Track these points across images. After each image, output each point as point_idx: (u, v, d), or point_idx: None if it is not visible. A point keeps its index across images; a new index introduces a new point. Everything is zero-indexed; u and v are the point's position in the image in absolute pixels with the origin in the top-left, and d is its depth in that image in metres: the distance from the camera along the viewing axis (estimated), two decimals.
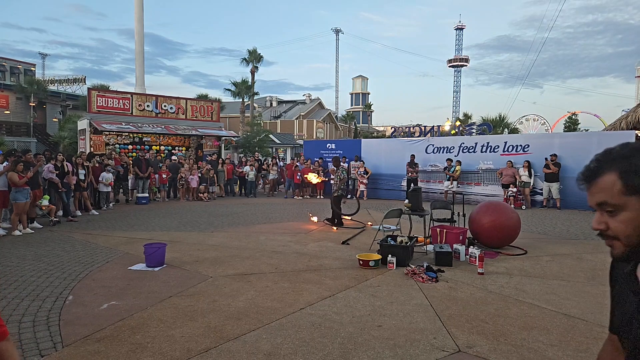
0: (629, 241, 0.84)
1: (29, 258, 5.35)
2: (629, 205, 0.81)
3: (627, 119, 13.38)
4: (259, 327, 3.22)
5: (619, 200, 0.82)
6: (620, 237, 0.84)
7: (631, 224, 0.82)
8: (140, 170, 11.57)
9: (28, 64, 31.49)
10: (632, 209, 0.81)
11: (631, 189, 0.80)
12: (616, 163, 0.83)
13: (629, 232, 0.83)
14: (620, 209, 0.82)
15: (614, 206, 0.83)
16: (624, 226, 0.82)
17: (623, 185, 0.81)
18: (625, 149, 0.84)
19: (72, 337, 3.02)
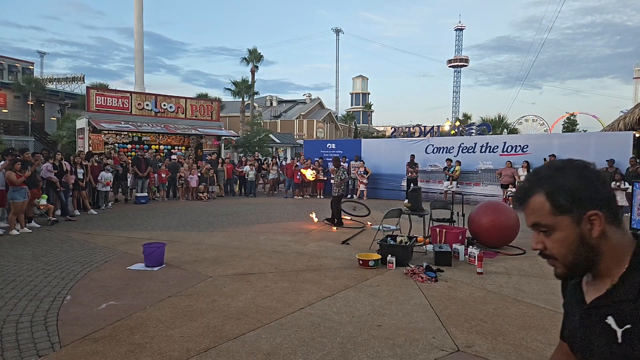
0: (565, 261, 0.83)
1: (26, 258, 5.33)
2: (560, 225, 0.80)
3: (625, 120, 13.40)
4: (258, 327, 3.21)
5: (550, 221, 0.81)
6: (557, 257, 0.83)
7: (564, 243, 0.81)
8: (140, 170, 11.54)
9: (26, 62, 31.39)
10: (564, 229, 0.80)
11: (560, 209, 0.79)
12: (543, 183, 0.82)
13: (564, 252, 0.82)
14: (553, 229, 0.81)
15: (546, 226, 0.82)
16: (558, 246, 0.82)
17: (551, 205, 0.80)
18: (550, 169, 0.83)
19: (70, 337, 3.01)
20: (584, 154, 10.47)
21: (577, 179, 0.80)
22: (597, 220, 0.78)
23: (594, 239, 0.79)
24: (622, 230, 0.82)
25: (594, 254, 0.81)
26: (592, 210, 0.78)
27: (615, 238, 0.80)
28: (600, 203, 0.79)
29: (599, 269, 0.82)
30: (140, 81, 21.16)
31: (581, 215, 0.78)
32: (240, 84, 27.78)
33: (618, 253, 0.80)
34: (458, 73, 76.44)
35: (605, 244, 0.80)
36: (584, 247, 0.80)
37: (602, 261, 0.81)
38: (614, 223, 0.80)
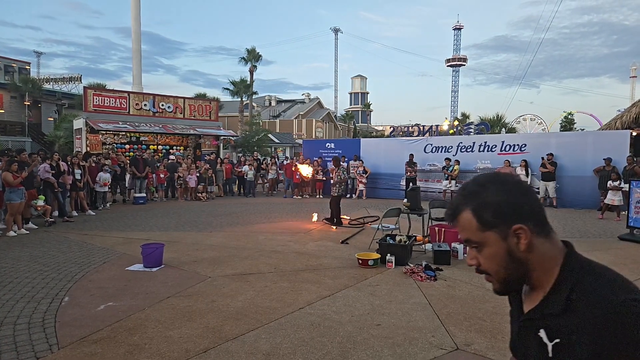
0: (497, 277, 0.83)
1: (24, 259, 5.30)
2: (488, 240, 0.80)
3: (622, 119, 13.47)
4: (258, 327, 3.20)
5: (478, 237, 0.81)
6: (490, 272, 0.83)
7: (494, 259, 0.81)
8: (138, 170, 11.51)
9: (23, 62, 31.25)
10: (492, 244, 0.80)
11: (486, 225, 0.79)
12: (469, 200, 0.81)
13: (495, 268, 0.82)
14: (482, 244, 0.81)
15: (476, 243, 0.82)
16: (489, 262, 0.82)
17: (477, 221, 0.80)
18: (475, 184, 0.82)
19: (68, 339, 2.99)
20: (582, 152, 10.50)
21: (501, 193, 0.79)
22: (522, 234, 0.77)
23: (521, 253, 0.79)
24: (552, 241, 0.81)
25: (524, 268, 0.80)
26: (517, 224, 0.77)
27: (544, 250, 0.79)
28: (525, 216, 0.78)
29: (532, 281, 0.82)
30: (138, 81, 21.09)
31: (507, 229, 0.78)
32: (238, 84, 27.74)
33: (547, 265, 0.79)
34: (456, 73, 76.57)
35: (534, 257, 0.79)
36: (512, 261, 0.80)
37: (534, 274, 0.81)
38: (541, 235, 0.79)
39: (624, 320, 0.69)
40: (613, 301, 0.71)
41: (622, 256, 5.45)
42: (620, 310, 0.70)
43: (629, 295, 0.72)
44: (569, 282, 0.76)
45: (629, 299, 0.71)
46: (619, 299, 0.71)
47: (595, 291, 0.73)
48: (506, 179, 0.82)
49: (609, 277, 0.76)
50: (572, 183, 10.43)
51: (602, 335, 0.70)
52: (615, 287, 0.73)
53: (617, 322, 0.69)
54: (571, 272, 0.77)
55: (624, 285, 0.74)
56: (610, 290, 0.73)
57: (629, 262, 5.14)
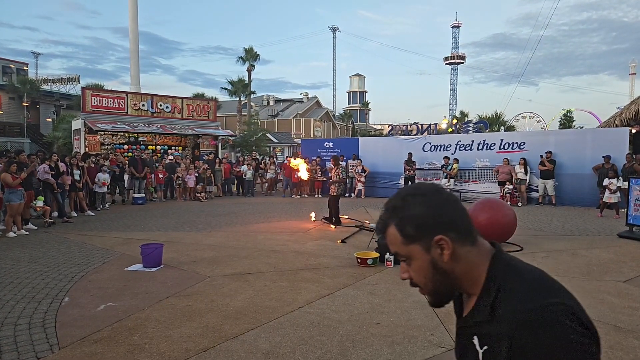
0: (427, 289, 0.83)
1: (24, 260, 5.30)
2: (414, 253, 0.81)
3: (621, 116, 13.49)
4: (257, 326, 3.21)
5: (404, 250, 0.81)
6: (420, 285, 0.83)
7: (421, 272, 0.81)
8: (137, 170, 11.50)
9: (20, 63, 31.16)
10: (418, 257, 0.80)
11: (409, 238, 0.80)
12: (392, 215, 0.82)
13: (423, 280, 0.82)
14: (409, 258, 0.82)
15: (404, 256, 0.83)
16: (417, 275, 0.82)
17: (401, 235, 0.80)
18: (397, 199, 0.83)
19: (69, 339, 3.00)
20: (581, 150, 10.52)
21: (421, 206, 0.79)
22: (444, 245, 0.78)
23: (446, 264, 0.79)
24: (478, 248, 0.81)
25: (451, 278, 0.80)
26: (439, 236, 0.77)
27: (469, 258, 0.79)
28: (447, 227, 0.78)
29: (464, 289, 0.82)
30: (136, 81, 21.07)
31: (429, 241, 0.78)
32: (237, 83, 27.71)
33: (475, 273, 0.79)
34: (455, 71, 76.60)
35: (460, 266, 0.79)
36: (438, 273, 0.80)
37: (463, 283, 0.81)
38: (466, 243, 0.79)
39: (537, 327, 0.67)
40: (529, 307, 0.69)
41: (622, 254, 5.47)
42: (534, 317, 0.68)
43: (548, 299, 0.70)
44: (493, 288, 0.76)
45: (547, 303, 0.69)
46: (536, 305, 0.69)
47: (515, 297, 0.72)
48: (427, 191, 0.82)
49: (531, 279, 0.75)
50: (571, 181, 10.45)
51: (517, 343, 0.69)
52: (535, 291, 0.72)
53: (530, 329, 0.68)
54: (495, 277, 0.77)
55: (545, 287, 0.73)
56: (528, 295, 0.71)
57: (628, 260, 5.16)
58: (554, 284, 0.75)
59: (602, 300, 3.74)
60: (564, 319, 0.68)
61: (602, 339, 1.05)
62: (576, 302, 0.73)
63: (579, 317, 0.69)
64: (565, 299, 0.71)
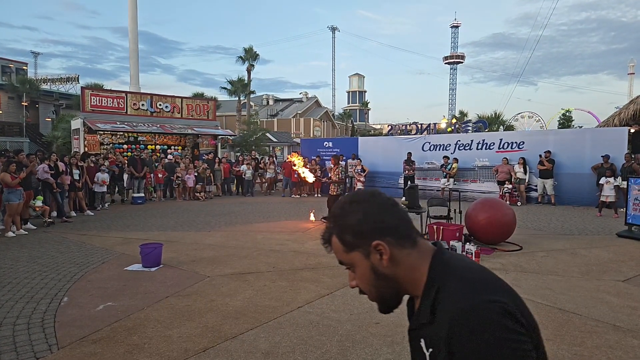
0: (372, 296, 0.83)
1: (23, 259, 5.29)
2: (355, 261, 0.81)
3: (619, 116, 13.49)
4: (256, 326, 3.21)
5: (347, 259, 0.82)
6: (366, 292, 0.84)
7: (364, 278, 0.82)
8: (136, 170, 11.49)
9: (20, 63, 31.09)
10: (359, 264, 0.81)
11: (349, 246, 0.81)
12: (333, 224, 0.83)
13: (367, 287, 0.83)
14: (353, 266, 0.82)
15: (348, 264, 0.83)
16: (361, 281, 0.83)
17: (341, 244, 0.81)
18: (337, 208, 0.84)
19: (68, 339, 3.00)
20: (580, 150, 10.53)
21: (358, 213, 0.80)
22: (382, 249, 0.78)
23: (386, 268, 0.79)
24: (419, 250, 0.80)
25: (393, 283, 0.81)
26: (376, 241, 0.78)
27: (410, 261, 0.79)
28: (385, 232, 0.79)
29: (410, 293, 0.82)
30: (135, 81, 21.04)
31: (368, 247, 0.79)
32: (236, 83, 27.69)
33: (416, 275, 0.79)
34: (454, 70, 76.60)
35: (401, 270, 0.79)
36: (379, 278, 0.80)
37: (407, 286, 0.81)
38: (406, 246, 0.79)
39: (469, 326, 0.67)
40: (461, 306, 0.69)
41: (621, 253, 5.47)
42: (465, 316, 0.68)
43: (481, 297, 0.69)
44: (433, 289, 0.76)
45: (480, 301, 0.68)
46: (468, 303, 0.69)
47: (450, 296, 0.72)
48: (363, 198, 0.82)
49: (467, 278, 0.74)
50: (570, 180, 10.46)
51: (453, 343, 0.68)
52: (469, 290, 0.71)
53: (462, 328, 0.67)
54: (434, 278, 0.77)
55: (480, 286, 0.72)
56: (462, 294, 0.71)
57: (627, 259, 5.16)
58: (491, 282, 0.74)
59: (602, 299, 3.74)
60: (496, 316, 0.67)
61: (601, 339, 1.03)
62: (515, 300, 0.72)
63: (513, 314, 0.68)
64: (502, 296, 0.70)
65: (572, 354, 2.73)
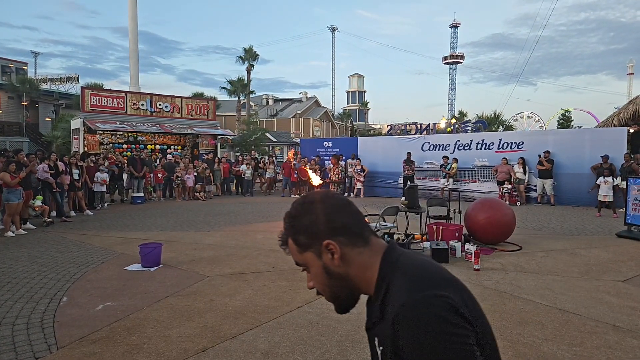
0: (327, 296, 0.84)
1: (22, 259, 5.29)
2: (309, 261, 0.82)
3: (619, 116, 13.51)
4: (256, 326, 3.21)
5: (301, 259, 0.83)
6: (321, 292, 0.84)
7: (318, 278, 0.83)
8: (135, 170, 11.49)
9: (20, 63, 31.06)
10: (313, 264, 0.82)
11: (302, 246, 0.81)
12: (288, 225, 0.84)
13: (321, 287, 0.83)
14: (307, 266, 0.83)
15: (302, 265, 0.84)
16: (316, 282, 0.83)
17: (296, 245, 0.82)
18: (293, 208, 0.85)
19: (67, 339, 2.99)
20: (579, 150, 10.54)
21: (310, 214, 0.81)
22: (333, 249, 0.78)
23: (338, 268, 0.80)
24: (372, 249, 0.81)
25: (346, 282, 0.81)
26: (327, 240, 0.78)
27: (362, 260, 0.80)
28: (336, 231, 0.79)
29: (364, 292, 0.82)
30: (135, 81, 21.03)
31: (320, 247, 0.79)
32: (236, 83, 27.68)
33: (368, 274, 0.79)
34: (453, 70, 76.64)
35: (353, 269, 0.80)
36: (331, 277, 0.81)
37: (360, 285, 0.81)
38: (358, 245, 0.80)
39: (409, 321, 0.67)
40: (402, 302, 0.69)
41: (620, 253, 5.48)
42: (406, 311, 0.68)
43: (423, 292, 0.69)
44: (383, 287, 0.76)
45: (421, 296, 0.68)
46: (409, 299, 0.69)
47: (396, 293, 0.72)
48: (315, 198, 0.83)
49: (413, 274, 0.74)
50: (569, 180, 10.47)
51: (397, 338, 0.68)
52: (413, 286, 0.71)
53: (403, 323, 0.67)
54: (384, 276, 0.77)
55: (424, 281, 0.72)
56: (406, 290, 0.71)
57: (627, 260, 5.17)
58: (436, 277, 0.74)
59: (601, 299, 3.74)
60: (438, 310, 0.67)
61: (601, 339, 1.03)
62: (460, 294, 0.72)
63: (456, 308, 0.68)
64: (445, 291, 0.70)
65: (571, 354, 2.73)
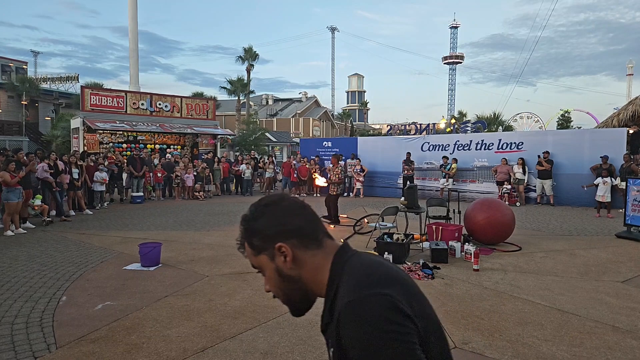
0: (281, 299, 0.84)
1: (21, 259, 5.29)
2: (263, 264, 0.82)
3: (618, 117, 13.52)
4: (255, 325, 3.21)
5: (256, 262, 0.83)
6: (276, 295, 0.84)
7: (271, 281, 0.83)
8: (135, 169, 11.48)
9: (20, 62, 31.01)
10: (266, 267, 0.82)
11: (256, 249, 0.82)
12: (243, 228, 0.84)
13: (275, 289, 0.83)
14: (261, 269, 0.83)
15: (257, 268, 0.84)
16: (270, 284, 0.84)
17: (250, 247, 0.83)
18: (247, 213, 0.85)
19: (66, 338, 2.99)
20: (579, 150, 10.55)
21: (264, 217, 0.81)
22: (285, 251, 0.79)
23: (290, 270, 0.80)
24: (325, 251, 0.81)
25: (299, 285, 0.81)
26: (279, 243, 0.79)
27: (315, 262, 0.80)
28: (289, 234, 0.80)
29: (318, 294, 0.82)
30: (135, 80, 21.02)
31: (273, 250, 0.80)
32: (236, 83, 27.67)
33: (320, 276, 0.80)
34: (453, 71, 76.68)
35: (305, 272, 0.80)
36: (284, 280, 0.81)
37: (313, 288, 0.81)
38: (311, 248, 0.80)
39: (351, 320, 0.67)
40: (345, 301, 0.70)
41: (619, 254, 5.48)
42: (348, 310, 0.68)
43: (368, 290, 0.69)
44: (333, 289, 0.77)
45: (363, 295, 0.69)
46: (354, 297, 0.69)
47: (342, 293, 0.73)
48: (270, 201, 0.84)
49: (359, 274, 0.75)
50: (569, 181, 10.47)
51: (341, 337, 0.69)
52: (358, 285, 0.72)
53: (345, 322, 0.68)
54: (334, 277, 0.78)
55: (368, 281, 0.72)
56: (352, 289, 0.71)
57: (626, 260, 5.17)
58: (382, 277, 0.74)
59: (600, 300, 3.75)
60: (379, 309, 0.67)
61: (600, 339, 1.02)
62: (405, 293, 0.72)
63: (398, 306, 0.68)
64: (389, 290, 0.70)
65: (571, 355, 2.73)
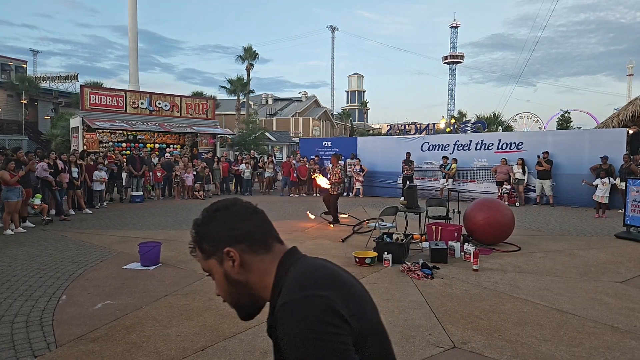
0: (229, 302, 0.85)
1: (21, 258, 5.28)
2: (212, 269, 0.83)
3: (618, 117, 13.53)
4: (255, 325, 3.21)
5: (205, 266, 0.84)
6: (225, 299, 0.85)
7: (220, 286, 0.84)
8: (134, 169, 11.48)
9: (19, 61, 30.97)
10: (216, 271, 0.83)
11: (206, 253, 0.83)
12: (194, 232, 0.85)
13: (223, 294, 0.84)
14: (211, 273, 0.84)
15: (207, 272, 0.85)
16: (219, 288, 0.85)
17: (200, 252, 0.84)
18: (198, 218, 0.86)
19: (66, 337, 2.99)
20: (578, 151, 10.56)
21: (214, 222, 0.82)
22: (234, 256, 0.80)
23: (238, 275, 0.81)
24: (273, 255, 0.82)
25: (246, 289, 0.82)
26: (227, 248, 0.80)
27: (263, 266, 0.81)
28: (238, 239, 0.80)
29: (266, 298, 0.83)
30: (134, 79, 21.01)
31: (221, 254, 0.81)
32: (235, 82, 27.64)
33: (267, 280, 0.81)
34: (453, 71, 76.66)
35: (253, 276, 0.81)
36: (231, 284, 0.82)
37: (260, 292, 0.82)
38: (259, 252, 0.81)
39: (285, 320, 0.69)
40: (283, 302, 0.71)
41: (619, 254, 5.49)
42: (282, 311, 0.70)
43: (304, 292, 0.70)
44: (277, 292, 0.78)
45: (299, 297, 0.70)
46: (289, 299, 0.70)
47: (282, 295, 0.74)
48: (221, 206, 0.84)
49: (298, 277, 0.76)
50: (568, 181, 10.48)
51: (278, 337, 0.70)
52: (296, 287, 0.73)
53: (281, 323, 0.70)
54: (278, 281, 0.79)
55: (308, 282, 0.73)
56: (289, 291, 0.73)
57: (625, 260, 5.18)
58: (322, 279, 0.75)
59: (600, 300, 3.75)
60: (313, 310, 0.68)
61: (599, 340, 1.02)
62: (344, 295, 0.73)
63: (334, 308, 0.69)
64: (327, 292, 0.71)
65: (570, 355, 2.73)
